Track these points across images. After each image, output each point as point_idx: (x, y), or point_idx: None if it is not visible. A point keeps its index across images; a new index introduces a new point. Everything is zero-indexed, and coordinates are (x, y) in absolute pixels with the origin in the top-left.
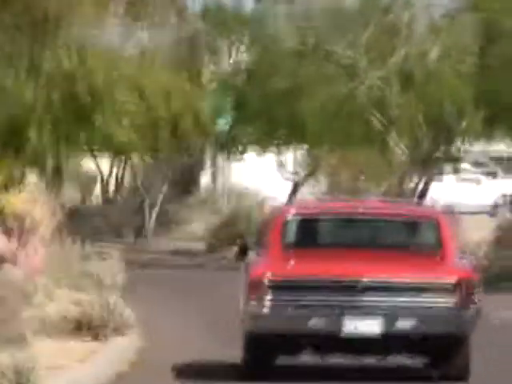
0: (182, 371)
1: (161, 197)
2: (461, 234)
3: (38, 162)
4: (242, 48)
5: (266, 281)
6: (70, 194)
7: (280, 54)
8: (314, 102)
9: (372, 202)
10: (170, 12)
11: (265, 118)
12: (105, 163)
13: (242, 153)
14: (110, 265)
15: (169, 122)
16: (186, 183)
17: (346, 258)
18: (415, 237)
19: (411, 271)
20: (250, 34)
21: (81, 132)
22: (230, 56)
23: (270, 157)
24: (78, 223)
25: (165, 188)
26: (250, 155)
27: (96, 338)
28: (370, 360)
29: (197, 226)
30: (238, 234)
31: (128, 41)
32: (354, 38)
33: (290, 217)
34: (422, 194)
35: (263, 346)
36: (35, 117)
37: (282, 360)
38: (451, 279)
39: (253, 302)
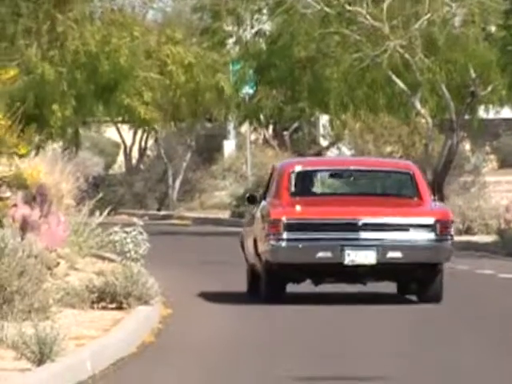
0: (207, 339)
1: (184, 165)
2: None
3: (61, 134)
4: (265, 15)
5: (283, 221)
6: (94, 164)
7: (303, 21)
8: (337, 69)
9: (363, 159)
10: None
11: (288, 85)
12: (128, 132)
13: (267, 121)
14: (134, 233)
15: (192, 91)
16: (209, 152)
17: (345, 203)
18: (397, 186)
19: (399, 213)
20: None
21: (104, 106)
22: (252, 23)
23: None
24: (102, 192)
25: (188, 157)
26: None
27: (120, 307)
28: (361, 288)
29: (221, 195)
30: None
31: (148, 8)
32: (377, 3)
33: (295, 170)
34: (449, 159)
35: (279, 275)
36: (58, 92)
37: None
38: (431, 219)
39: (272, 238)
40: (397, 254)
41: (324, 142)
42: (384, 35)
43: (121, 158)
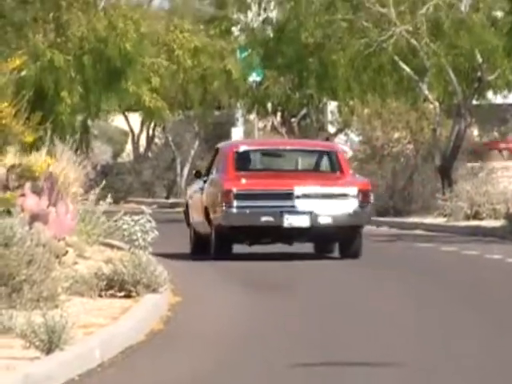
0: (216, 327)
1: (192, 153)
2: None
3: (69, 122)
4: (272, 2)
5: (234, 191)
6: (102, 152)
7: (310, 8)
8: (344, 54)
9: (295, 141)
10: None
11: (296, 72)
12: (136, 120)
13: (274, 108)
14: (142, 221)
15: (199, 79)
16: (217, 139)
17: (282, 176)
18: (323, 162)
19: (327, 184)
20: None
21: (111, 93)
22: (259, 11)
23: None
24: (110, 180)
25: (196, 144)
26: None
27: (128, 295)
28: (295, 249)
29: None
30: None
31: None
32: None
33: (238, 150)
34: (457, 144)
35: (229, 236)
36: (65, 79)
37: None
38: (354, 189)
39: (225, 206)
40: (326, 219)
41: (332, 129)
42: (390, 21)
43: (129, 147)
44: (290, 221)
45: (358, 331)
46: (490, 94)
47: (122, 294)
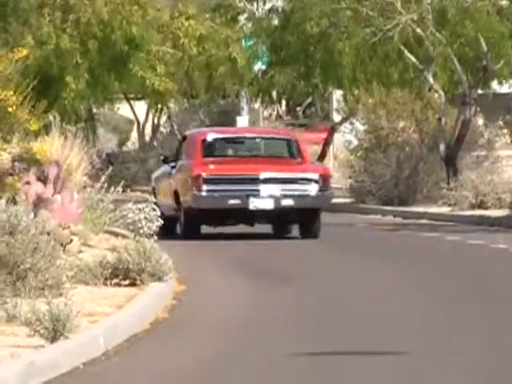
0: (220, 315)
1: None
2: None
3: (73, 109)
4: None
5: (203, 176)
6: (107, 140)
7: None
8: (350, 43)
9: (259, 129)
10: None
11: (301, 61)
12: (141, 109)
13: (279, 97)
14: (147, 210)
15: (205, 67)
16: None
17: (248, 162)
18: (284, 150)
19: (290, 169)
20: None
21: (116, 79)
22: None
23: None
24: (116, 169)
25: None
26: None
27: (133, 283)
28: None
29: None
30: None
31: None
32: None
33: (205, 137)
34: (462, 133)
35: (198, 218)
36: (71, 64)
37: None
38: (316, 174)
39: (195, 189)
40: (289, 201)
41: (337, 117)
42: (396, 9)
43: (134, 135)
44: (255, 203)
45: (359, 321)
46: (495, 84)
47: (127, 282)
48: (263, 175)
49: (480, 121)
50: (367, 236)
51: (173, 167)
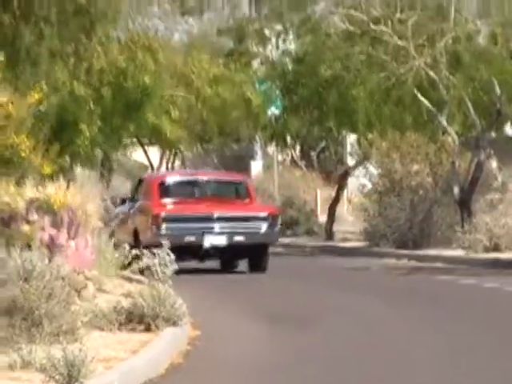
0: (235, 360)
1: None
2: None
3: (87, 155)
4: (291, 34)
5: (162, 215)
6: (122, 185)
7: (329, 40)
8: (364, 88)
9: (211, 172)
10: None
11: (315, 104)
12: (155, 154)
13: (294, 141)
14: (161, 254)
15: (218, 110)
16: (236, 173)
17: (203, 202)
18: (235, 191)
19: (241, 209)
20: (299, 19)
21: (130, 125)
22: (278, 44)
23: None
24: None
25: None
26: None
27: (148, 328)
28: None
29: None
30: (291, 221)
31: (175, 29)
32: (401, 22)
33: (162, 180)
34: (476, 176)
35: None
36: (85, 111)
37: None
38: (265, 213)
39: (154, 228)
40: (241, 238)
41: (351, 161)
42: (409, 54)
43: None
44: (210, 240)
45: (376, 362)
46: (508, 127)
47: (142, 327)
48: (216, 214)
49: (494, 164)
50: (381, 280)
51: (130, 209)
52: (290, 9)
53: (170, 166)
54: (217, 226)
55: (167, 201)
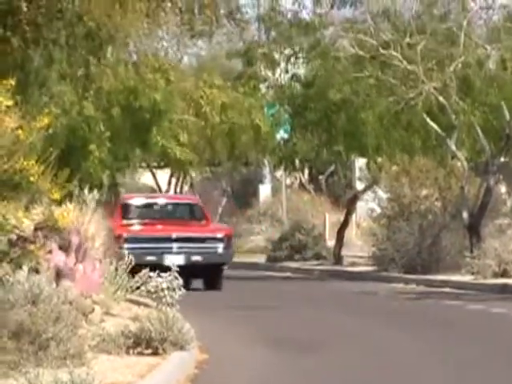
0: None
1: (220, 210)
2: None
3: (95, 178)
4: (300, 59)
5: (124, 236)
6: None
7: (338, 64)
8: (373, 112)
9: (170, 195)
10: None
11: (324, 128)
12: (163, 177)
13: (302, 165)
14: (169, 278)
15: (227, 135)
16: (245, 196)
17: (162, 223)
18: (192, 213)
19: (198, 230)
20: (308, 43)
21: (139, 148)
22: (287, 67)
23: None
24: None
25: (224, 201)
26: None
27: (155, 352)
28: None
29: (256, 239)
30: (299, 246)
31: (183, 53)
32: (411, 46)
33: (124, 202)
34: (485, 201)
35: None
36: (95, 133)
37: None
38: (221, 234)
39: (117, 248)
40: (198, 258)
41: (360, 186)
42: (419, 78)
43: None
44: (169, 259)
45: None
46: None
47: (150, 351)
48: (175, 235)
49: (503, 189)
50: (389, 304)
51: None
52: (299, 33)
53: (178, 189)
54: (175, 246)
55: (129, 222)
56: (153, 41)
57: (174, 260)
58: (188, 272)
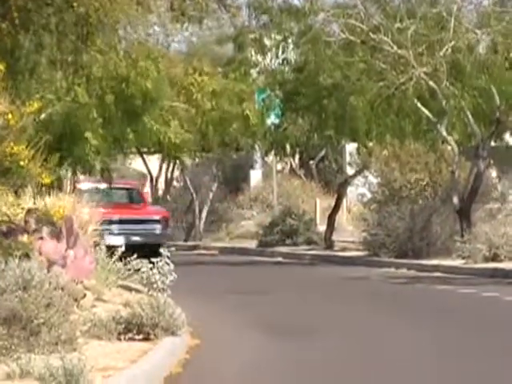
0: (234, 369)
1: (211, 196)
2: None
3: (86, 164)
4: (290, 44)
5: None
6: None
7: (328, 49)
8: (363, 97)
9: (120, 182)
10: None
11: (315, 113)
12: (154, 163)
13: (293, 150)
14: (160, 264)
15: (218, 122)
16: (236, 182)
17: (105, 207)
18: (133, 198)
19: (137, 213)
20: (299, 28)
21: (130, 134)
22: (277, 53)
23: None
24: None
25: (215, 187)
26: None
27: (147, 338)
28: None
29: (247, 224)
30: (290, 231)
31: (174, 40)
32: (401, 31)
33: (82, 188)
34: (475, 185)
35: None
36: (88, 119)
37: None
38: (158, 216)
39: None
40: (137, 238)
41: (350, 171)
42: (409, 63)
43: (147, 189)
44: (110, 240)
45: (376, 362)
46: (508, 136)
47: (141, 336)
48: (116, 217)
49: (493, 173)
50: (380, 289)
51: None
52: (290, 19)
53: (169, 175)
54: (116, 228)
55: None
56: (144, 27)
57: (115, 241)
58: (131, 251)
